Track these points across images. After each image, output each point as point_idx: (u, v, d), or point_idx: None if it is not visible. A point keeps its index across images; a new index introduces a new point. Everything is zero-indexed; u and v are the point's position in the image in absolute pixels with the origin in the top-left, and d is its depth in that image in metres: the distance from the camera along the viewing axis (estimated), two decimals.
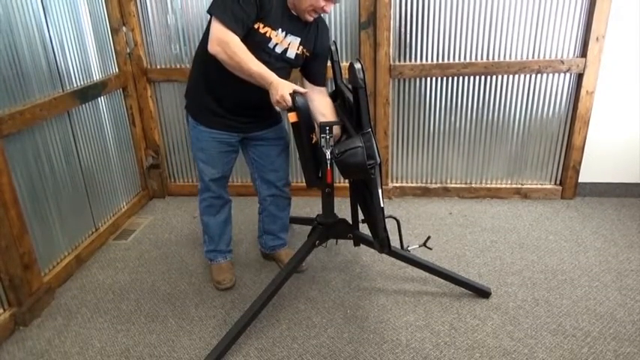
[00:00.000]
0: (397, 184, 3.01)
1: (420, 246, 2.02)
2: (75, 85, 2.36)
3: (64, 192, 2.30)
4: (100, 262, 2.43)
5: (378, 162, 1.60)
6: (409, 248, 1.97)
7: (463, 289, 2.06)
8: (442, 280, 2.09)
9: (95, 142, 2.55)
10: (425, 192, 2.99)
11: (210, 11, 1.68)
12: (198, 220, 2.79)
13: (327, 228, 1.98)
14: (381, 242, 1.71)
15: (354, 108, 1.66)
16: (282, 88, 1.62)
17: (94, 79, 2.52)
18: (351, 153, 1.58)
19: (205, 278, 2.24)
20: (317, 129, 1.75)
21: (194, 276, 2.27)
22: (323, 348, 1.79)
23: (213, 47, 1.66)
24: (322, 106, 1.90)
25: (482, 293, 2.02)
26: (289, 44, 1.82)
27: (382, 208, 1.62)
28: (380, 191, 1.60)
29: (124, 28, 2.72)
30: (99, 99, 2.57)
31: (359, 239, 2.03)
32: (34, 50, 2.07)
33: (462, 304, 1.99)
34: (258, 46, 1.74)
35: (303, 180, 2.99)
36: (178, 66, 2.86)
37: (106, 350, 1.82)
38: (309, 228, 2.07)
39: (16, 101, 1.98)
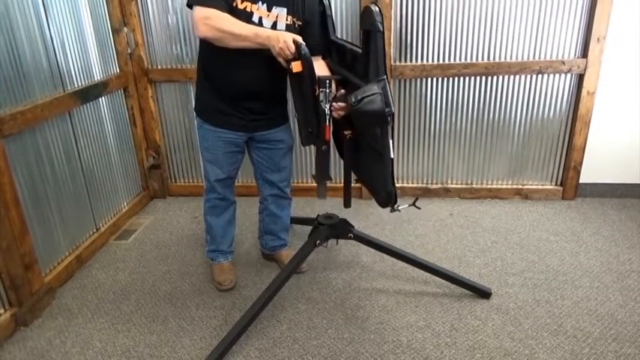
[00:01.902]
0: (398, 185, 3.01)
1: (409, 205, 1.97)
2: (76, 86, 2.36)
3: (65, 192, 2.30)
4: (100, 263, 2.43)
5: (393, 111, 1.54)
6: (399, 207, 1.93)
7: (464, 290, 2.05)
8: (443, 281, 2.09)
9: (96, 142, 2.55)
10: (425, 192, 2.99)
11: (188, 3, 1.69)
12: (199, 220, 2.81)
13: (327, 228, 1.98)
14: (388, 196, 1.64)
15: (363, 56, 1.60)
16: (282, 36, 1.58)
17: (95, 79, 2.52)
18: (369, 100, 1.50)
19: (206, 279, 2.24)
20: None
21: (195, 276, 2.27)
22: (323, 349, 1.79)
23: (199, 30, 1.64)
24: (316, 66, 1.83)
25: (483, 294, 2.02)
26: (277, 16, 1.78)
27: (392, 159, 1.57)
28: (392, 142, 1.56)
29: (125, 29, 2.73)
30: (100, 99, 2.57)
31: (360, 240, 2.03)
32: (35, 50, 2.07)
33: (462, 305, 1.99)
34: None
35: (304, 180, 3.02)
36: (179, 66, 2.86)
37: (107, 350, 1.83)
38: (309, 228, 2.07)
39: (17, 101, 1.98)
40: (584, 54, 2.58)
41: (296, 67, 1.59)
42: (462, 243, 2.46)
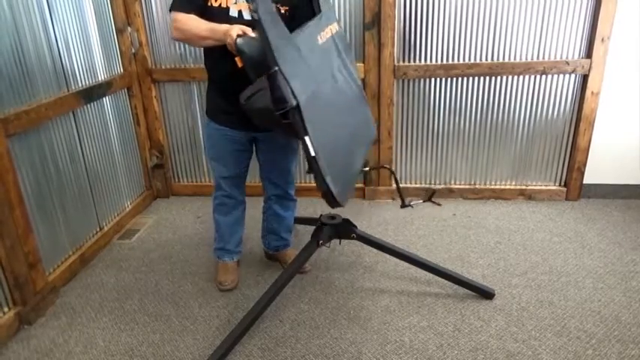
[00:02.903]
0: (401, 185, 3.00)
1: (424, 201, 1.91)
2: (80, 85, 2.37)
3: (69, 191, 2.31)
4: (104, 262, 2.43)
5: (293, 104, 1.43)
6: (412, 203, 1.87)
7: (467, 291, 2.05)
8: (446, 281, 2.08)
9: (100, 141, 2.56)
10: (429, 193, 2.98)
11: (169, 10, 1.75)
12: (202, 220, 2.81)
13: (330, 228, 1.98)
14: (324, 195, 1.56)
15: None
16: (231, 30, 1.58)
17: (99, 79, 2.53)
18: (258, 96, 1.44)
19: (209, 278, 2.24)
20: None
21: (198, 276, 2.27)
22: (326, 348, 1.79)
23: (171, 34, 1.73)
24: None
25: (486, 294, 2.02)
26: None
27: (314, 157, 1.48)
28: (308, 139, 1.46)
29: (129, 29, 2.73)
30: (104, 99, 2.58)
31: (363, 240, 2.03)
32: (39, 50, 2.08)
33: (465, 306, 1.98)
34: (221, 20, 1.72)
35: (306, 180, 3.02)
36: (183, 66, 2.86)
37: (110, 349, 1.83)
38: (312, 228, 2.07)
39: (22, 101, 1.99)
40: (589, 54, 2.57)
41: (239, 62, 1.55)
42: (465, 243, 2.46)
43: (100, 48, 2.53)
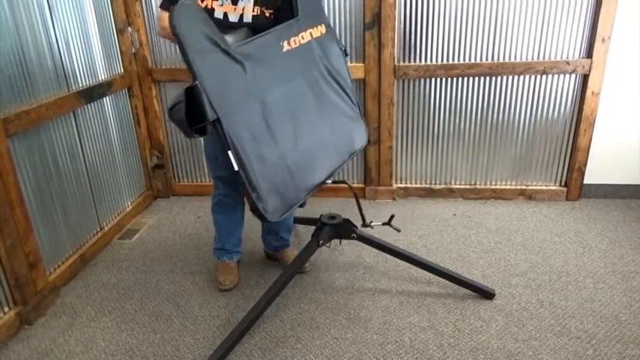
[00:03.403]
0: (401, 185, 3.01)
1: (383, 224, 1.93)
2: (80, 85, 2.37)
3: (69, 191, 2.31)
4: (104, 262, 2.44)
5: (212, 119, 1.43)
6: (372, 224, 1.89)
7: (467, 291, 2.05)
8: (446, 281, 2.08)
9: (100, 141, 2.56)
10: (429, 193, 2.98)
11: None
12: (202, 219, 2.81)
13: (331, 228, 1.98)
14: (251, 210, 1.56)
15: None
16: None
17: (100, 79, 2.53)
18: (176, 109, 1.44)
19: (209, 278, 2.25)
20: None
21: (198, 275, 2.27)
22: (326, 349, 1.79)
23: (158, 32, 1.78)
24: None
25: (487, 294, 2.02)
26: (243, 9, 1.77)
27: (237, 171, 1.49)
28: (231, 153, 1.47)
29: (129, 29, 2.73)
30: (104, 99, 2.58)
31: (363, 240, 2.03)
32: (40, 50, 2.08)
33: (466, 306, 1.98)
34: None
35: None
36: (183, 66, 2.84)
37: (111, 349, 1.83)
38: (312, 228, 2.07)
39: (22, 101, 1.99)
40: (589, 54, 2.57)
41: None
42: (465, 243, 2.46)
43: (100, 48, 2.53)
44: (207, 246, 2.46)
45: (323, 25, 1.86)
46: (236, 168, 1.50)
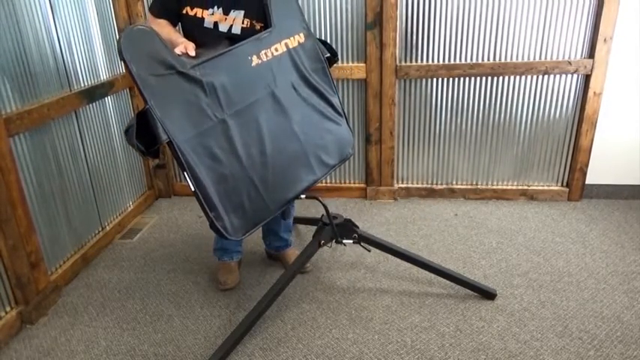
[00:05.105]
0: (402, 185, 3.00)
1: (354, 242, 1.93)
2: (82, 85, 2.37)
3: (71, 191, 2.32)
4: (106, 261, 2.44)
5: (164, 141, 1.45)
6: (344, 242, 1.91)
7: (468, 291, 2.05)
8: (447, 282, 2.08)
9: (102, 141, 2.56)
10: (430, 193, 2.98)
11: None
12: (203, 220, 2.81)
13: (332, 228, 1.98)
14: (210, 227, 1.60)
15: None
16: (177, 47, 1.59)
17: (101, 79, 2.54)
18: (129, 133, 1.43)
19: (211, 278, 2.25)
20: None
21: (199, 275, 2.28)
22: (328, 349, 1.79)
23: None
24: None
25: (488, 295, 2.01)
26: (234, 20, 1.76)
27: (195, 191, 1.52)
28: (186, 174, 1.49)
29: None
30: (106, 99, 2.58)
31: (364, 240, 2.03)
32: (42, 50, 2.09)
33: (467, 306, 1.98)
34: (195, 29, 1.72)
35: None
36: None
37: (112, 349, 1.83)
38: (314, 228, 2.07)
39: (24, 101, 1.99)
40: (591, 54, 2.56)
41: None
42: (466, 244, 2.45)
43: (102, 48, 2.54)
44: (208, 246, 2.46)
45: (301, 34, 1.82)
46: (192, 189, 1.50)
